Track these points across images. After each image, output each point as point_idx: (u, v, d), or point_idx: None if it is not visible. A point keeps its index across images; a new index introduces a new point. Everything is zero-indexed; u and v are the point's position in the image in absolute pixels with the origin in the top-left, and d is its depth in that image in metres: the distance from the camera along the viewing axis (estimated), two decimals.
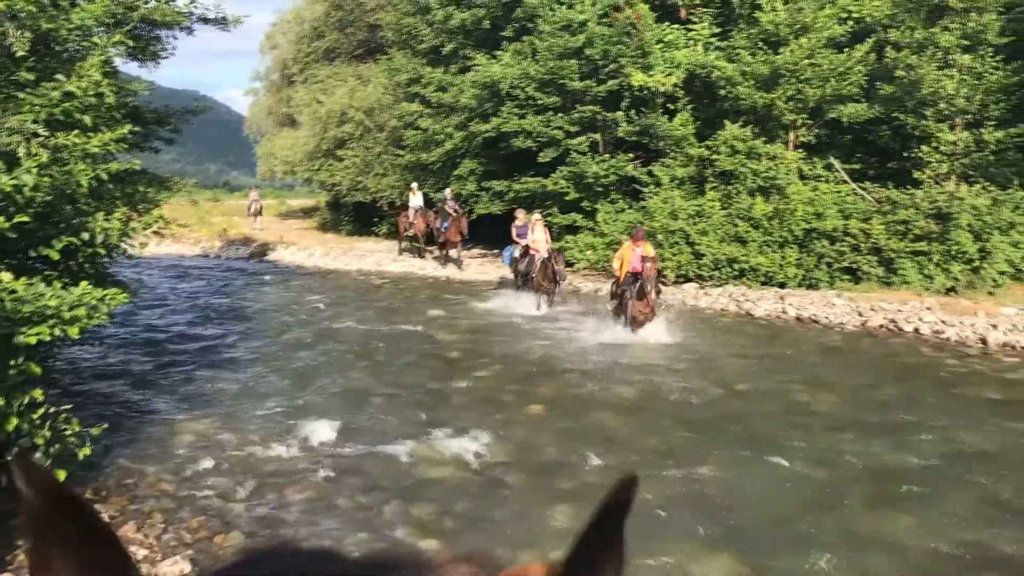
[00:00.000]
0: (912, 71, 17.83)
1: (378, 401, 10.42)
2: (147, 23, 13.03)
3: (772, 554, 6.20)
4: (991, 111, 17.83)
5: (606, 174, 21.34)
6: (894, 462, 8.17)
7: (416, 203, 25.16)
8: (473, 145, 24.49)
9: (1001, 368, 12.42)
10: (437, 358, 13.12)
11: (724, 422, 9.60)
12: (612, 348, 13.40)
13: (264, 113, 46.80)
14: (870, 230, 17.53)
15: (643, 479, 3.78)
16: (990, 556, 6.17)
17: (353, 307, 17.79)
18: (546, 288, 16.93)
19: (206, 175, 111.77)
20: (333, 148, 31.27)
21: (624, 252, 14.39)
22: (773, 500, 7.24)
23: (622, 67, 20.93)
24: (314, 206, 41.60)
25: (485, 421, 9.49)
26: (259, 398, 10.40)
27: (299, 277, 23.43)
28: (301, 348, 13.60)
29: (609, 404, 10.36)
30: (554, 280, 16.74)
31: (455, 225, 22.69)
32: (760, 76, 19.61)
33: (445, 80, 25.60)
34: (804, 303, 16.74)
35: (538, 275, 16.95)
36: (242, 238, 31.78)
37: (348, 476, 7.80)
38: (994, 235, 16.45)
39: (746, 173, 19.69)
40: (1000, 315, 14.79)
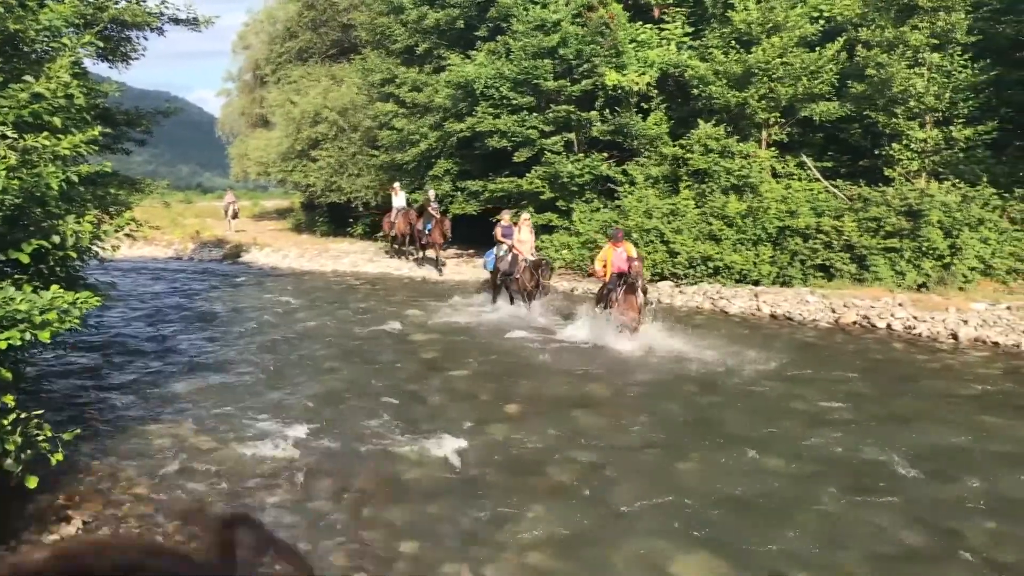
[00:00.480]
0: (882, 69, 18.01)
1: (353, 402, 10.39)
2: (117, 24, 12.93)
3: (747, 549, 6.24)
4: (960, 109, 18.04)
5: (581, 173, 21.39)
6: (867, 457, 8.25)
7: (399, 203, 24.75)
8: (448, 145, 24.46)
9: (972, 363, 12.57)
10: (413, 358, 13.10)
11: (699, 419, 9.65)
12: (587, 347, 13.43)
13: (237, 114, 46.45)
14: (842, 227, 17.68)
15: (619, 476, 3.85)
16: (962, 548, 6.24)
17: (328, 308, 17.72)
18: (527, 290, 16.45)
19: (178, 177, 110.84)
20: (307, 149, 31.12)
21: (606, 254, 14.21)
22: (748, 495, 7.29)
23: (596, 67, 20.99)
24: (288, 207, 41.39)
25: (461, 421, 9.48)
26: (233, 400, 10.34)
27: (273, 279, 23.30)
28: (275, 350, 13.52)
29: (585, 402, 10.39)
30: (537, 286, 16.21)
31: (438, 227, 22.31)
32: (733, 75, 19.74)
33: (419, 80, 25.55)
34: (778, 300, 16.86)
35: (522, 277, 16.44)
36: (215, 240, 31.56)
37: (323, 478, 7.77)
38: (964, 231, 16.64)
39: (719, 172, 19.81)
40: (971, 311, 14.97)
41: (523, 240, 17.08)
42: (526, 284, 16.39)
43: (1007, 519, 6.72)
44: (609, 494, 7.35)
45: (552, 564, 6.14)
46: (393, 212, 24.70)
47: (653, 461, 8.20)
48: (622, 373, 11.78)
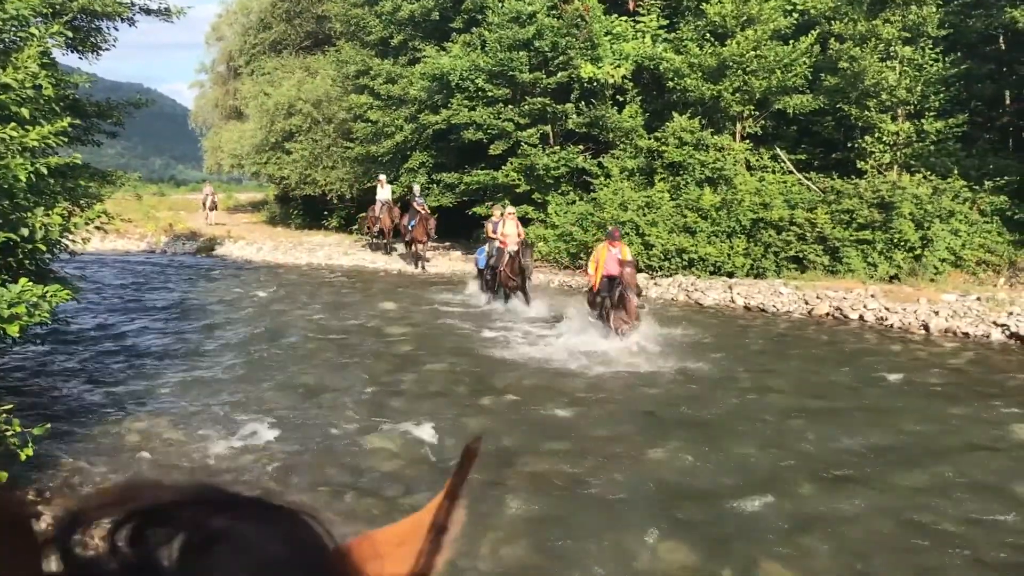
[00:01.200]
0: (855, 63, 18.15)
1: (328, 395, 10.35)
2: (87, 14, 12.77)
3: (722, 539, 6.29)
4: (931, 102, 18.22)
5: (556, 166, 21.41)
6: (840, 447, 8.33)
7: (383, 197, 24.35)
8: (423, 137, 24.42)
9: (942, 354, 12.72)
10: (389, 351, 13.06)
11: (674, 410, 9.70)
12: (563, 339, 13.45)
13: (210, 106, 46.07)
14: (815, 219, 17.83)
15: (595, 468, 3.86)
16: (931, 535, 6.32)
17: (303, 301, 17.64)
18: (513, 283, 16.33)
19: (151, 169, 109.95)
20: (281, 141, 30.92)
21: (599, 254, 13.30)
22: (722, 485, 7.34)
23: (571, 59, 21.00)
24: (262, 200, 41.11)
25: (438, 413, 9.47)
26: (207, 394, 10.27)
27: (247, 272, 23.16)
28: (249, 343, 13.44)
29: (561, 394, 10.41)
30: (521, 274, 16.06)
31: (422, 224, 22.03)
32: (707, 68, 19.82)
33: (394, 72, 25.46)
34: (752, 292, 16.98)
35: (505, 269, 16.35)
36: (188, 233, 31.32)
37: (298, 471, 7.74)
38: (935, 223, 16.83)
39: (694, 164, 19.90)
40: (941, 302, 15.14)
41: (507, 234, 16.92)
42: (509, 277, 16.29)
43: (977, 505, 6.81)
44: (586, 485, 7.38)
45: (529, 556, 6.16)
46: (377, 205, 24.33)
47: (629, 452, 8.24)
48: (597, 365, 11.81)
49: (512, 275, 16.23)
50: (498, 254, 16.80)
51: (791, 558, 5.99)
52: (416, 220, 22.12)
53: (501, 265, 16.49)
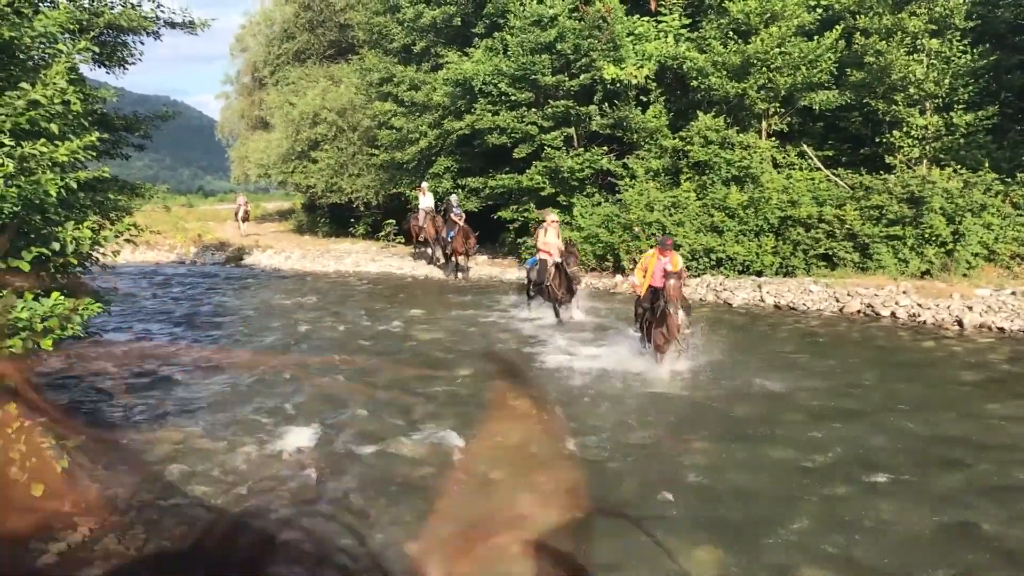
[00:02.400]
0: (881, 57, 17.95)
1: (359, 402, 10.37)
2: (113, 29, 12.90)
3: (756, 540, 6.22)
4: (960, 95, 17.98)
5: (581, 168, 21.35)
6: (875, 446, 8.22)
7: (426, 205, 23.86)
8: (447, 143, 24.44)
9: (977, 349, 12.53)
10: (418, 357, 13.07)
11: (705, 411, 9.63)
12: (593, 342, 13.40)
13: (236, 116, 46.44)
14: (844, 216, 17.64)
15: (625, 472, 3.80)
16: (971, 536, 6.22)
17: (331, 309, 17.71)
18: (562, 297, 15.40)
19: (179, 180, 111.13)
20: (307, 150, 31.10)
21: (648, 262, 12.09)
22: (755, 487, 7.27)
23: (594, 61, 20.93)
24: (290, 209, 41.39)
25: (469, 419, 9.46)
26: (238, 403, 10.33)
27: (276, 280, 23.30)
28: (279, 350, 13.51)
29: (591, 396, 10.37)
30: (570, 289, 15.22)
31: (460, 235, 21.75)
32: (731, 66, 19.68)
33: (417, 78, 25.51)
34: (781, 291, 16.83)
35: (552, 282, 15.35)
36: (217, 243, 31.56)
37: (331, 479, 7.75)
38: (966, 218, 16.59)
39: (720, 163, 19.77)
40: (975, 297, 14.93)
41: (549, 243, 15.86)
42: (556, 291, 15.37)
43: (1018, 506, 6.69)
44: (616, 490, 7.34)
45: (560, 562, 6.12)
46: (420, 214, 23.92)
47: (659, 455, 8.18)
48: (628, 368, 11.73)
49: (560, 289, 15.32)
50: (541, 266, 15.77)
51: (829, 560, 5.92)
52: (455, 231, 21.97)
53: (547, 280, 15.46)
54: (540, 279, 15.65)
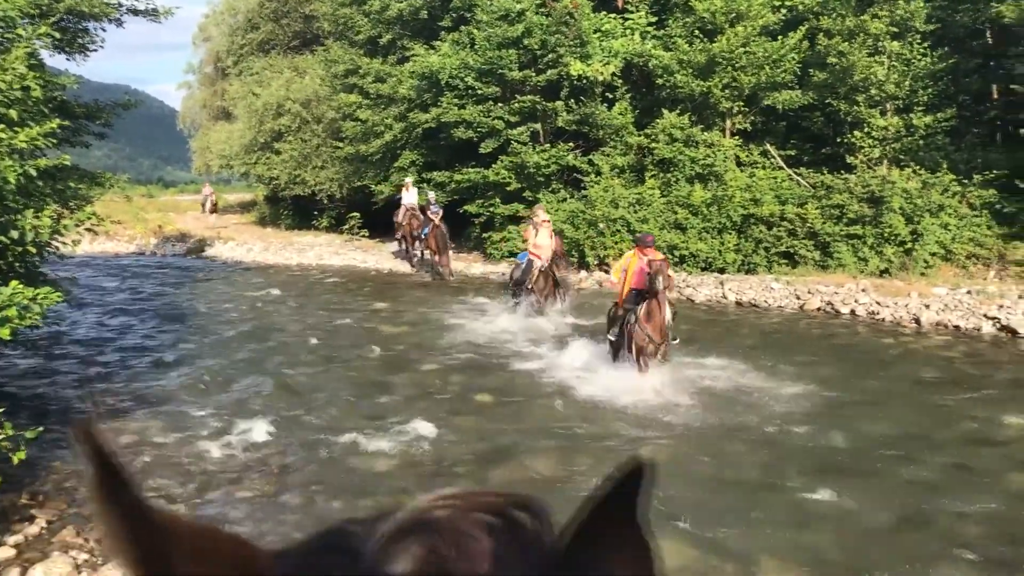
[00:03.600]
0: (843, 58, 18.17)
1: (322, 396, 10.32)
2: (74, 15, 12.72)
3: (717, 535, 6.29)
4: (919, 97, 18.26)
5: (547, 164, 21.38)
6: (834, 440, 8.35)
7: (409, 201, 23.11)
8: (413, 136, 24.35)
9: (934, 347, 12.77)
10: (382, 351, 13.03)
11: (665, 407, 9.69)
12: (555, 337, 13.44)
13: (198, 107, 45.90)
14: (806, 215, 17.86)
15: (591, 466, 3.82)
16: (927, 528, 6.34)
17: (294, 302, 17.59)
18: (543, 301, 14.88)
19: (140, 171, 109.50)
20: (270, 141, 30.80)
21: (629, 263, 11.02)
22: (718, 482, 7.35)
23: (560, 57, 20.97)
24: (252, 200, 40.93)
25: (431, 412, 9.46)
26: (200, 396, 10.23)
27: (238, 273, 23.09)
28: (241, 344, 13.40)
29: (554, 392, 10.40)
30: (554, 293, 14.77)
31: (433, 232, 21.15)
32: (696, 64, 19.82)
33: (383, 71, 25.38)
34: (743, 288, 17.01)
35: (535, 285, 14.82)
36: (178, 234, 31.18)
37: (293, 472, 7.72)
38: (925, 217, 16.87)
39: (684, 161, 19.91)
40: (932, 295, 15.19)
41: (540, 245, 15.10)
42: (539, 292, 14.84)
43: (972, 497, 6.83)
44: (581, 484, 7.37)
45: None
46: (401, 211, 23.16)
47: (622, 449, 8.24)
48: (589, 363, 11.78)
49: (541, 293, 14.84)
50: (527, 267, 15.14)
51: (789, 552, 6.00)
52: (429, 228, 21.43)
53: (530, 281, 14.88)
54: (522, 279, 15.08)
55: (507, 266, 21.42)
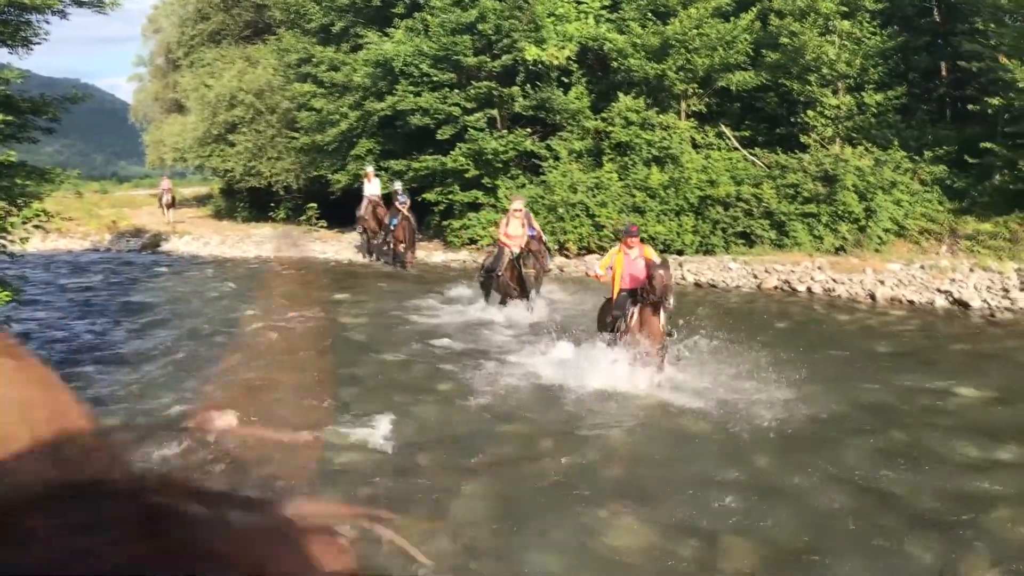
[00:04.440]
0: (795, 38, 18.34)
1: (282, 388, 10.22)
2: (15, 7, 12.40)
3: (677, 514, 6.35)
4: (870, 75, 18.49)
5: (505, 150, 21.35)
6: (792, 417, 8.45)
7: (371, 192, 22.47)
8: (369, 124, 24.15)
9: (889, 322, 12.98)
10: (342, 342, 12.95)
11: (626, 390, 9.74)
12: (516, 324, 13.45)
13: (150, 100, 45.20)
14: (761, 195, 18.04)
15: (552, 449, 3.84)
16: (884, 501, 6.46)
17: (253, 295, 17.40)
18: (514, 293, 14.21)
19: (92, 166, 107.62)
20: (224, 133, 30.40)
21: (615, 260, 10.28)
22: (676, 461, 7.42)
23: (515, 42, 20.91)
24: (207, 194, 40.46)
25: (393, 403, 9.43)
26: (156, 393, 10.10)
27: (194, 267, 22.80)
28: (198, 339, 13.24)
29: (517, 378, 10.41)
30: (521, 285, 14.07)
31: (402, 224, 20.70)
32: (651, 47, 19.87)
33: (337, 59, 25.14)
34: (702, 269, 17.16)
35: (505, 274, 14.11)
36: (133, 230, 30.70)
37: (251, 468, 7.59)
38: (878, 195, 17.12)
39: (641, 144, 19.99)
40: (886, 271, 15.44)
41: (512, 235, 14.40)
42: (508, 284, 14.21)
43: (926, 469, 6.97)
44: (543, 467, 7.41)
45: (489, 539, 6.17)
46: (363, 203, 22.54)
47: (581, 432, 8.28)
48: (551, 349, 11.81)
49: (512, 283, 14.16)
50: (498, 255, 14.49)
51: (748, 528, 6.08)
52: (398, 219, 20.93)
53: (500, 268, 14.20)
54: (493, 265, 14.42)
55: (468, 253, 21.48)
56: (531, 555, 5.84)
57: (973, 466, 7.05)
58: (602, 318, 10.72)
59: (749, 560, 5.70)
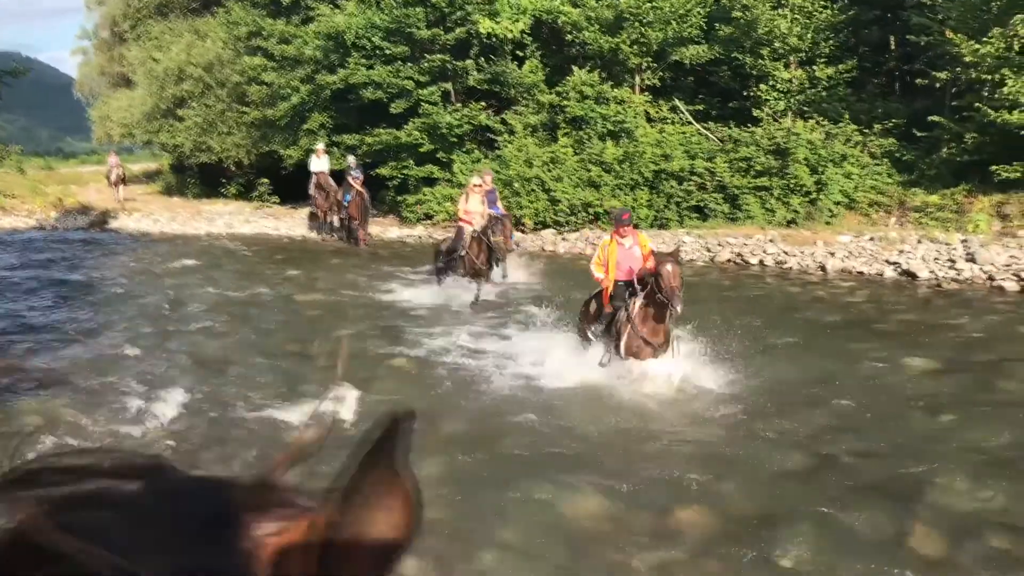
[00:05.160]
0: (748, 12, 18.41)
1: (236, 367, 10.13)
2: None
3: (633, 486, 6.41)
4: (822, 49, 18.65)
5: (459, 124, 21.23)
6: (745, 388, 8.55)
7: (319, 168, 21.99)
8: (321, 98, 23.87)
9: (839, 293, 13.18)
10: (296, 318, 12.85)
11: (582, 364, 9.78)
12: (469, 295, 13.39)
13: (96, 74, 44.11)
14: (715, 169, 18.16)
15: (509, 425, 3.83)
16: (833, 469, 6.58)
17: (205, 273, 17.17)
18: (479, 272, 13.32)
19: (37, 143, 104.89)
20: (172, 107, 29.82)
21: (608, 252, 9.17)
22: (631, 434, 7.48)
23: (469, 14, 20.74)
24: (157, 170, 39.68)
25: (349, 378, 9.36)
26: (111, 373, 9.92)
27: (145, 245, 22.40)
28: (151, 317, 13.03)
29: (474, 354, 10.41)
30: (489, 261, 13.26)
31: (356, 200, 20.28)
32: (604, 20, 19.83)
33: (288, 32, 24.76)
34: (656, 242, 17.18)
35: (470, 251, 13.23)
36: (80, 207, 30.02)
37: (206, 447, 7.57)
38: (828, 168, 17.32)
39: (596, 118, 19.99)
40: (837, 243, 15.66)
41: (470, 211, 13.73)
42: (473, 264, 13.28)
43: (875, 436, 7.11)
44: (500, 443, 7.42)
45: (445, 512, 6.18)
46: (312, 180, 22.02)
47: (541, 405, 8.31)
48: (506, 319, 11.84)
49: (478, 259, 13.28)
50: (456, 235, 13.81)
51: (701, 498, 6.16)
52: (352, 195, 20.45)
53: (462, 249, 13.33)
54: (454, 246, 13.62)
55: (423, 229, 21.37)
56: (487, 528, 5.86)
57: (918, 433, 7.20)
58: (587, 312, 9.77)
59: (704, 530, 5.78)
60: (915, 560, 5.21)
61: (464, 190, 14.53)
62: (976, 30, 15.71)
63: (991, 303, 12.15)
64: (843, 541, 5.47)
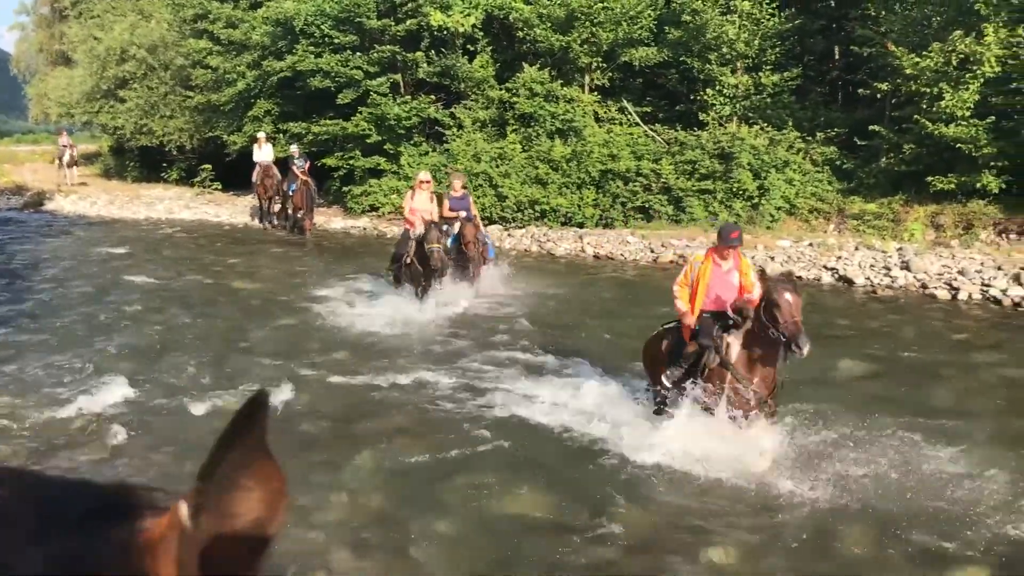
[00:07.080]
0: (697, 16, 18.60)
1: (173, 354, 9.94)
2: None
3: (572, 482, 6.45)
4: (768, 56, 18.92)
5: (408, 116, 21.10)
6: None
7: (262, 158, 21.49)
8: (267, 85, 23.53)
9: None
10: (236, 307, 12.65)
11: (527, 358, 9.81)
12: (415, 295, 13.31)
13: (34, 51, 43.06)
14: (660, 170, 18.31)
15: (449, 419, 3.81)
16: (764, 472, 6.67)
17: (143, 258, 16.82)
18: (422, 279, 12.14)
19: None
20: (114, 88, 29.18)
21: (699, 272, 7.12)
22: (571, 430, 7.50)
23: (420, 6, 20.62)
24: (96, 152, 38.78)
25: (287, 369, 9.26)
26: (44, 360, 9.66)
27: (82, 228, 21.87)
28: (87, 303, 12.72)
29: (412, 344, 10.38)
30: (427, 268, 11.93)
31: (301, 190, 20.00)
32: (556, 19, 19.87)
33: (235, 16, 24.37)
34: (601, 242, 17.35)
35: (414, 258, 12.19)
36: (13, 187, 29.20)
37: (141, 436, 7.42)
38: (771, 173, 17.57)
39: (545, 116, 20.02)
40: (777, 248, 15.90)
41: (415, 209, 12.66)
42: (416, 267, 12.22)
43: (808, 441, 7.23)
44: (438, 438, 7.39)
45: (381, 506, 6.14)
46: (256, 170, 21.52)
47: (482, 401, 8.30)
48: (449, 316, 11.78)
49: (419, 265, 12.16)
50: (402, 237, 12.82)
51: (638, 499, 6.21)
52: (296, 184, 20.22)
53: (407, 256, 12.32)
54: (399, 252, 12.64)
55: (368, 220, 21.20)
56: (423, 522, 5.84)
57: (851, 437, 7.35)
58: (658, 354, 7.62)
59: (637, 527, 5.83)
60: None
61: (413, 186, 13.55)
62: (917, 44, 16.10)
63: (924, 310, 12.46)
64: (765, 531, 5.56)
